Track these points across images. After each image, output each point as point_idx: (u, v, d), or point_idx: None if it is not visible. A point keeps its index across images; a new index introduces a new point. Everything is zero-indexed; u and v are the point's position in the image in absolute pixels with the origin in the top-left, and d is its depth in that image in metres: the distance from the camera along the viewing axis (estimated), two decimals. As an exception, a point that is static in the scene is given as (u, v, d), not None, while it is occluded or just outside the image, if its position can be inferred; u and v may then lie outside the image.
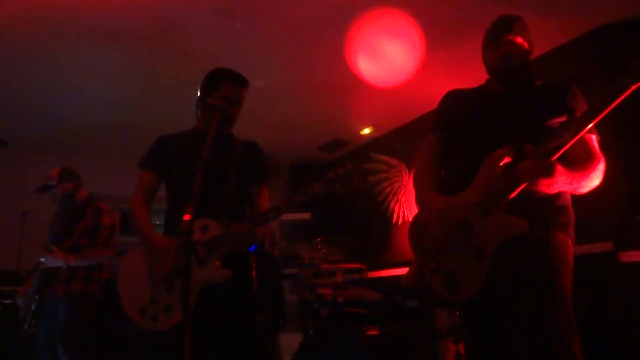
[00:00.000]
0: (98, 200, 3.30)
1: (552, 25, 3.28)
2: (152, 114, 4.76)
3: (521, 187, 1.53)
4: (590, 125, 1.50)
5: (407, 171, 4.97)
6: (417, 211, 1.87)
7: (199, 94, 2.17)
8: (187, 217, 1.53)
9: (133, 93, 4.33)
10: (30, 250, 4.09)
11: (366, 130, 5.29)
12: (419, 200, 1.87)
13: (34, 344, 3.12)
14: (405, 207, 4.91)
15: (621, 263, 2.90)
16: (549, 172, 1.49)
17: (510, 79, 1.82)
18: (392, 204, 5.10)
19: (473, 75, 1.97)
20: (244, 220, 2.01)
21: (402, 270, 4.65)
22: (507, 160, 1.59)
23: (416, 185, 1.92)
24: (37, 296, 3.08)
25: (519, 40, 1.78)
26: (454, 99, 2.00)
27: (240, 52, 3.66)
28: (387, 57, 3.71)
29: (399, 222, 4.96)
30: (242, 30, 3.37)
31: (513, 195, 1.54)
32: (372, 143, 5.52)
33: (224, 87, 2.17)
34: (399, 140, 5.17)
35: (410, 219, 1.88)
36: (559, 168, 1.51)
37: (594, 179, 1.62)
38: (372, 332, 3.21)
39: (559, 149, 1.49)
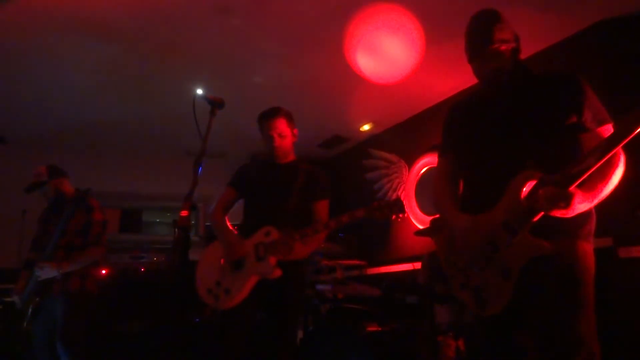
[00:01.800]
0: (89, 197, 3.24)
1: (551, 20, 3.27)
2: (148, 111, 4.75)
3: (540, 214, 1.55)
4: (615, 150, 1.47)
5: (407, 167, 4.97)
6: (444, 225, 1.87)
7: None
8: (184, 213, 1.54)
9: (127, 89, 4.31)
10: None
11: (365, 127, 5.28)
12: (444, 218, 1.88)
13: (33, 350, 3.09)
14: (405, 203, 4.90)
15: (621, 259, 2.90)
16: (567, 203, 1.48)
17: (507, 86, 1.78)
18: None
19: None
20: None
21: (402, 267, 4.66)
22: (532, 181, 1.59)
23: (439, 206, 1.93)
24: (37, 298, 3.07)
25: (504, 47, 1.72)
26: (457, 115, 1.98)
27: (239, 48, 3.65)
28: (386, 53, 3.69)
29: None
30: (241, 26, 3.36)
31: (536, 218, 1.56)
32: (372, 139, 5.51)
33: (262, 128, 2.65)
34: (399, 137, 5.16)
35: (438, 235, 1.90)
36: (578, 196, 1.50)
37: (615, 180, 1.61)
38: (372, 329, 3.21)
39: (582, 173, 1.48)
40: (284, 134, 2.59)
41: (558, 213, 1.51)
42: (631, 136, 1.40)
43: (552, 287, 1.58)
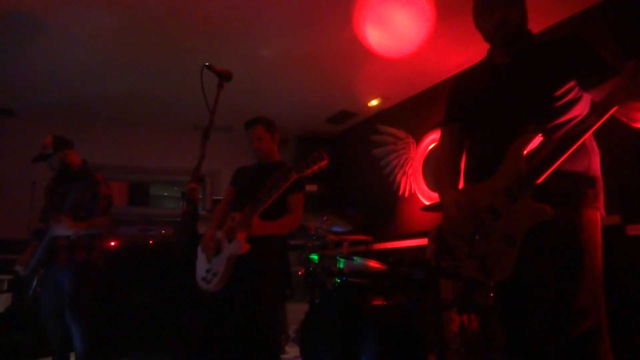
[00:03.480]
0: (95, 170, 3.29)
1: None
2: (156, 84, 4.72)
3: (551, 169, 1.53)
4: (613, 111, 1.47)
5: (415, 144, 4.94)
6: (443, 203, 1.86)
7: None
8: (192, 185, 1.55)
9: (135, 62, 4.29)
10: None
11: (374, 102, 5.24)
12: (443, 198, 1.86)
13: (40, 318, 3.15)
14: (412, 180, 4.89)
15: (629, 236, 2.89)
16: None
17: (510, 45, 1.77)
18: (398, 176, 5.08)
19: (485, 45, 1.91)
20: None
21: (409, 242, 4.68)
22: (531, 145, 1.58)
23: (435, 181, 1.95)
24: (42, 270, 3.12)
25: (513, 3, 1.73)
26: (459, 86, 1.98)
27: (246, 20, 3.59)
28: (395, 26, 3.63)
29: (406, 195, 4.95)
30: (249, 0, 3.30)
31: (541, 178, 1.54)
32: (380, 115, 5.46)
33: (246, 135, 3.00)
34: (407, 112, 5.11)
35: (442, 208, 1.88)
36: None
37: None
38: (378, 302, 3.24)
39: (584, 133, 1.49)
40: (262, 138, 2.95)
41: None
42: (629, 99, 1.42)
43: (555, 255, 1.56)
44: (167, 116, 5.58)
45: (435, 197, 4.45)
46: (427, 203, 4.47)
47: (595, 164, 1.67)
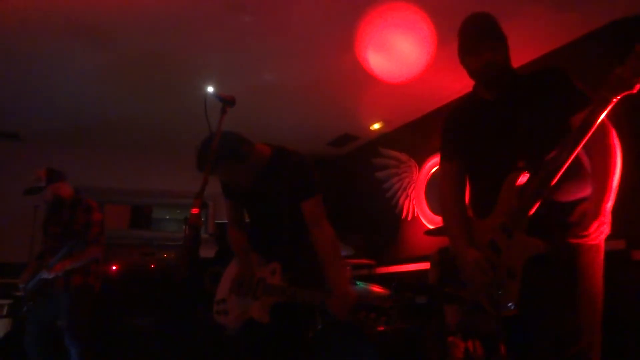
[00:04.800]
0: (86, 197, 3.42)
1: (568, 18, 3.23)
2: (160, 108, 4.77)
3: (532, 211, 1.60)
4: (582, 143, 1.53)
5: (417, 167, 4.94)
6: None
7: None
8: (195, 211, 1.54)
9: (139, 87, 4.34)
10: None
11: (376, 126, 5.27)
12: (454, 248, 1.91)
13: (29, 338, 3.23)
14: (415, 203, 4.88)
15: (634, 261, 2.86)
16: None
17: (495, 84, 1.82)
18: (401, 200, 5.07)
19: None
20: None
21: (412, 266, 4.64)
22: (521, 180, 1.65)
23: (448, 230, 1.96)
24: (30, 302, 3.27)
25: (499, 46, 1.78)
26: (451, 122, 2.03)
27: (250, 46, 3.64)
28: (397, 51, 3.67)
29: (408, 218, 4.93)
30: (252, 23, 3.35)
31: (531, 212, 1.61)
32: (382, 138, 5.49)
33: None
34: (409, 135, 5.13)
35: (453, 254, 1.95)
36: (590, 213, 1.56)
37: (617, 169, 1.61)
38: (382, 328, 3.20)
39: (559, 169, 1.56)
40: (235, 172, 2.34)
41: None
42: (595, 125, 1.48)
43: (552, 282, 1.62)
44: (170, 140, 5.61)
45: (438, 220, 4.44)
46: (430, 227, 4.45)
47: (589, 191, 1.69)
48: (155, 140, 5.69)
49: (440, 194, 2.01)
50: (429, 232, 3.91)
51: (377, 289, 3.61)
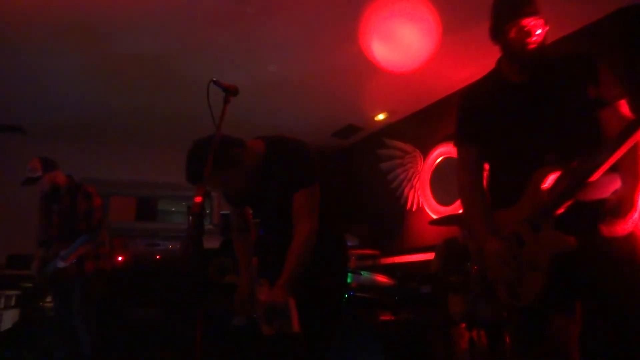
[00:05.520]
0: (82, 184, 3.46)
1: (574, 6, 3.19)
2: (164, 99, 4.77)
3: (562, 209, 1.57)
4: (627, 144, 1.48)
5: (422, 157, 4.92)
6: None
7: None
8: (197, 199, 1.54)
9: (144, 79, 4.34)
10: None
11: (380, 116, 5.24)
12: (475, 235, 1.86)
13: (53, 324, 3.36)
14: (420, 194, 4.87)
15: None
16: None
17: (532, 64, 1.71)
18: (406, 190, 5.06)
19: (490, 57, 1.90)
20: None
21: (417, 257, 4.64)
22: (553, 176, 1.61)
23: (468, 217, 1.91)
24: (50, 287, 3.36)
25: (541, 19, 1.67)
26: (470, 102, 1.91)
27: (253, 37, 3.63)
28: (401, 41, 3.65)
29: (413, 208, 4.93)
30: (256, 15, 3.34)
31: (561, 210, 1.58)
32: (387, 129, 5.47)
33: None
34: (414, 126, 5.11)
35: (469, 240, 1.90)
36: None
37: None
38: (386, 318, 3.21)
39: (595, 170, 1.51)
40: (226, 181, 2.11)
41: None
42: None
43: (616, 273, 1.58)
44: (175, 132, 5.61)
45: (442, 211, 4.43)
46: (434, 217, 4.45)
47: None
48: (161, 132, 5.70)
49: (459, 180, 1.91)
50: (434, 222, 3.90)
51: (382, 279, 3.62)
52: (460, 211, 3.35)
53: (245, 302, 2.09)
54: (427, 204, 4.73)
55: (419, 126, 5.02)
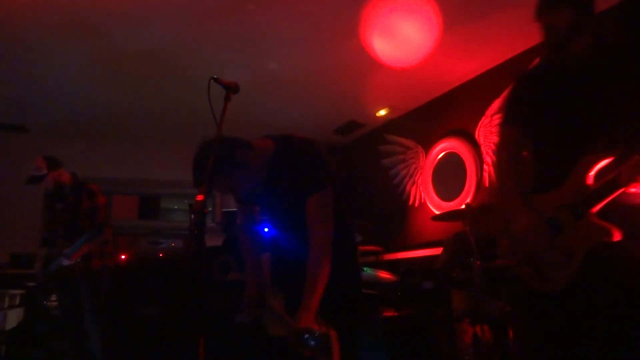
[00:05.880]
0: (86, 182, 3.49)
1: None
2: (165, 97, 4.77)
3: (619, 191, 1.52)
4: None
5: (424, 153, 4.92)
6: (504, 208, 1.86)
7: None
8: (199, 197, 1.54)
9: (144, 77, 4.34)
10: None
11: (382, 112, 5.23)
12: (507, 208, 1.85)
13: (57, 323, 3.41)
14: (422, 189, 4.87)
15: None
16: None
17: (579, 53, 1.70)
18: (408, 186, 5.06)
19: (493, 53, 1.90)
20: None
21: (419, 252, 4.64)
22: (601, 165, 1.58)
23: (503, 192, 1.92)
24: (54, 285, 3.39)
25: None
26: (527, 84, 1.90)
27: (253, 33, 3.62)
28: (403, 36, 3.63)
29: (415, 204, 4.92)
30: (256, 11, 3.33)
31: (607, 200, 1.54)
32: (388, 125, 5.46)
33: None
34: (416, 122, 5.10)
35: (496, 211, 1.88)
36: None
37: None
38: (389, 314, 3.21)
39: None
40: (231, 185, 2.11)
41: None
42: None
43: (622, 280, 1.55)
44: (177, 129, 5.62)
45: (445, 206, 4.43)
46: (437, 212, 4.44)
47: None
48: (163, 130, 5.70)
49: (498, 158, 1.96)
50: (436, 218, 3.90)
51: (385, 275, 3.62)
52: (463, 206, 3.35)
53: (254, 305, 2.05)
54: (429, 200, 4.73)
55: (421, 122, 5.01)
